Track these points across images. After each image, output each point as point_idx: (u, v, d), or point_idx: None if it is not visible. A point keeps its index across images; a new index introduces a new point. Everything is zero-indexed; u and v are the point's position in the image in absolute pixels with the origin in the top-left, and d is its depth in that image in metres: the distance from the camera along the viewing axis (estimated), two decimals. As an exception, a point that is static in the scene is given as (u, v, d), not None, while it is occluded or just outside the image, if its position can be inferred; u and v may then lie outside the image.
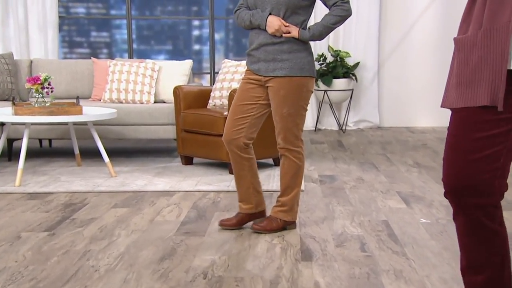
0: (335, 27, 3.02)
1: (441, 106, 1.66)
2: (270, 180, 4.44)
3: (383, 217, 3.48)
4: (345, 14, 2.99)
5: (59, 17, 7.71)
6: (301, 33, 3.01)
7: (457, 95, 1.57)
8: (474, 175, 1.55)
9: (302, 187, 4.20)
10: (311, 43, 7.73)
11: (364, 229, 3.24)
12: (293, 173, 3.14)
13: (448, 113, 7.98)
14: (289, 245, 2.97)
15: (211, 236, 3.11)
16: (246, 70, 3.18)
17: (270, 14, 3.01)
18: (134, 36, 7.90)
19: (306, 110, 3.10)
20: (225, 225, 3.20)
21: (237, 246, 2.94)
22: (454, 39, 1.60)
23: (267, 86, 3.08)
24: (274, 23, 2.98)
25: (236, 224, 3.21)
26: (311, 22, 7.63)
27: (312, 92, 3.13)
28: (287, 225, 3.22)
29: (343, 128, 7.79)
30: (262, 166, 5.02)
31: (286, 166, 3.14)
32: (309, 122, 7.82)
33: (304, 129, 7.79)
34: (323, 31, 3.01)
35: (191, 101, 5.08)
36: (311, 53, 3.08)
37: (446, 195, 1.63)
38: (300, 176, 3.17)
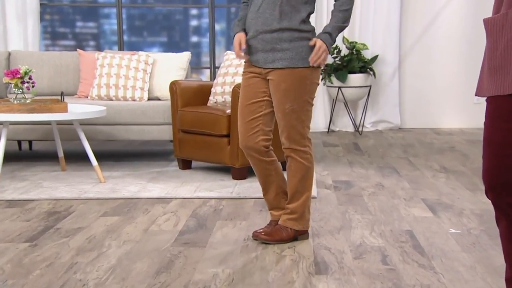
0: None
1: (475, 95, 1.66)
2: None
3: (407, 226, 3.47)
4: (352, 3, 3.04)
5: (40, 4, 7.73)
6: (326, 41, 3.02)
7: (488, 83, 1.57)
8: (508, 171, 1.55)
9: (314, 193, 4.19)
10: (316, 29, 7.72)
11: (386, 239, 3.23)
12: (301, 176, 3.13)
13: (479, 112, 7.96)
14: (301, 257, 2.96)
15: (213, 247, 3.10)
16: (245, 62, 3.18)
17: (240, 31, 3.09)
18: (124, 27, 7.92)
19: (312, 105, 3.10)
20: (258, 236, 3.19)
21: (242, 258, 2.94)
22: (484, 20, 1.59)
23: (268, 79, 3.08)
24: (235, 43, 3.09)
25: None
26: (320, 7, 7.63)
27: (318, 85, 3.12)
28: (299, 235, 3.21)
29: (360, 129, 7.78)
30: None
31: (293, 168, 3.14)
32: (321, 123, 7.81)
33: (316, 130, 7.79)
34: (338, 33, 3.06)
35: (189, 97, 5.08)
36: None
37: (486, 194, 1.64)
38: (310, 179, 3.16)
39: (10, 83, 4.54)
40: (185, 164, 5.11)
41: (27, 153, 5.97)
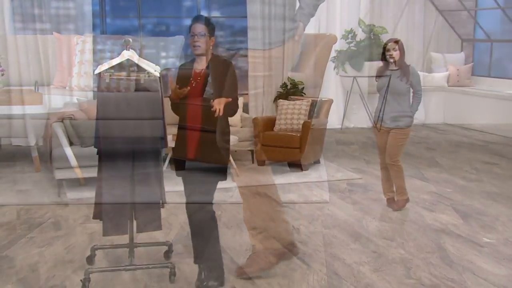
0: None
1: None
2: (285, 189, 4.46)
3: (434, 235, 3.48)
4: None
5: (11, -18, 7.74)
6: None
7: None
8: None
9: (326, 197, 4.23)
10: (328, 20, 7.71)
11: (409, 250, 3.24)
12: None
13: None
14: (311, 269, 2.97)
15: (210, 259, 3.12)
16: None
17: None
18: (107, 8, 7.93)
19: None
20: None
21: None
22: None
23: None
24: None
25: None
26: None
27: None
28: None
29: (378, 125, 7.78)
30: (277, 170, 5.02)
31: None
32: (333, 118, 7.81)
33: (327, 127, 7.77)
34: None
35: (182, 88, 5.09)
36: None
37: None
38: None
39: (-23, 71, 4.57)
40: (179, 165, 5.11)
41: (-4, 152, 5.98)
